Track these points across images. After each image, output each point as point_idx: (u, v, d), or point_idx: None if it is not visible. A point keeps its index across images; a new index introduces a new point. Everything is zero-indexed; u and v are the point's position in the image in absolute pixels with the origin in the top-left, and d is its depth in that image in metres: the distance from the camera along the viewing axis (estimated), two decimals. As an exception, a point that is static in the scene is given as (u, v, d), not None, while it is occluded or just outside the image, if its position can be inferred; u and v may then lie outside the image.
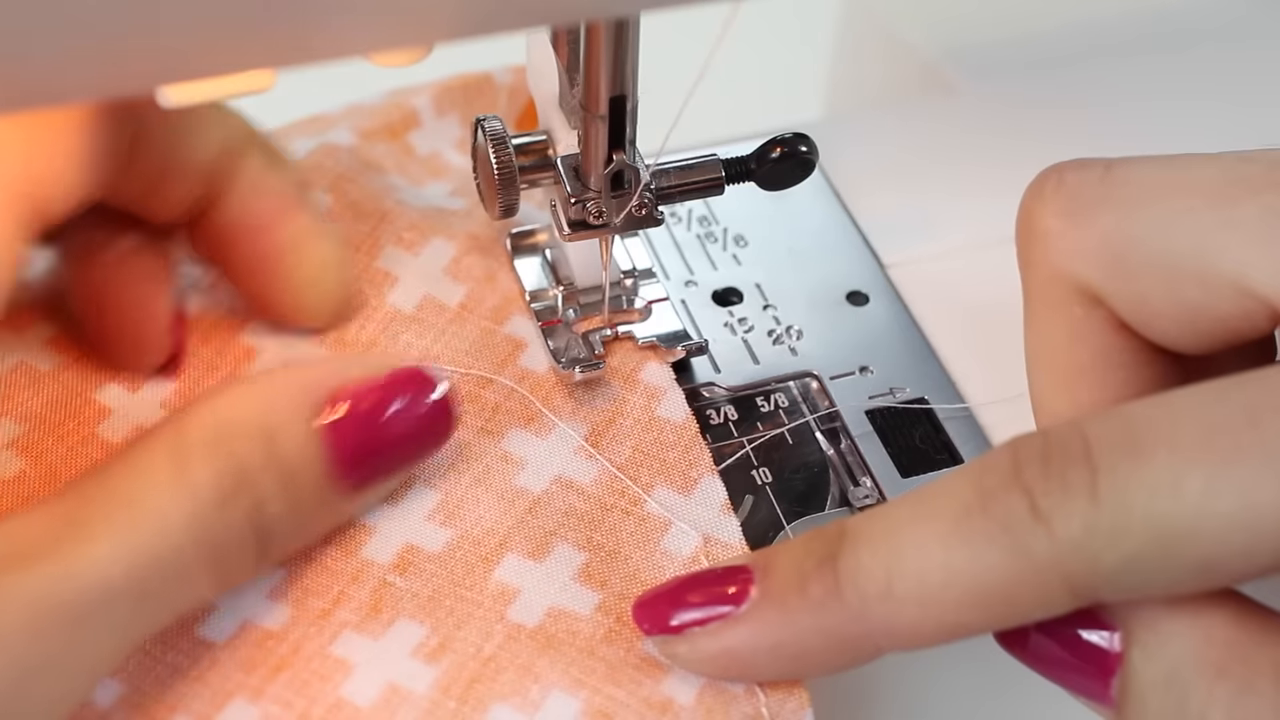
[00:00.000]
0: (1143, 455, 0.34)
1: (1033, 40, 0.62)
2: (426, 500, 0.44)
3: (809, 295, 0.51)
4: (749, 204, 0.54)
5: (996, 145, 0.57)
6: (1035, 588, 0.35)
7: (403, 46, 0.34)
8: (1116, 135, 0.58)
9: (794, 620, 0.38)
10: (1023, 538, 0.34)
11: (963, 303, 0.51)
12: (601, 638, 0.41)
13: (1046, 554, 0.34)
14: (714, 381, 0.48)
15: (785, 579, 0.38)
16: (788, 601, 0.38)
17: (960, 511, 0.35)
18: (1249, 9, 0.63)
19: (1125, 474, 0.34)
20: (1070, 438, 0.35)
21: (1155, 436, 0.34)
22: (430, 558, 0.43)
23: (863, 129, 0.59)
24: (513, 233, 0.50)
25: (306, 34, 0.32)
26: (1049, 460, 0.35)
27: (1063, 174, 0.40)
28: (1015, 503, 0.35)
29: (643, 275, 0.50)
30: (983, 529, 0.35)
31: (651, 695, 0.39)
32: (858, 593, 0.37)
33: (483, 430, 0.45)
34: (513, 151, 0.46)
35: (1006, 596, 0.35)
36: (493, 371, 0.47)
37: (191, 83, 0.33)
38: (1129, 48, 0.61)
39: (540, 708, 0.39)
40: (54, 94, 0.31)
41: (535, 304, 0.49)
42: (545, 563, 0.43)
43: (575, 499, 0.44)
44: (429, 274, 0.49)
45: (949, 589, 0.35)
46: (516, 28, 0.34)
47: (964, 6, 0.65)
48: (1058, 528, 0.34)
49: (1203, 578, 0.34)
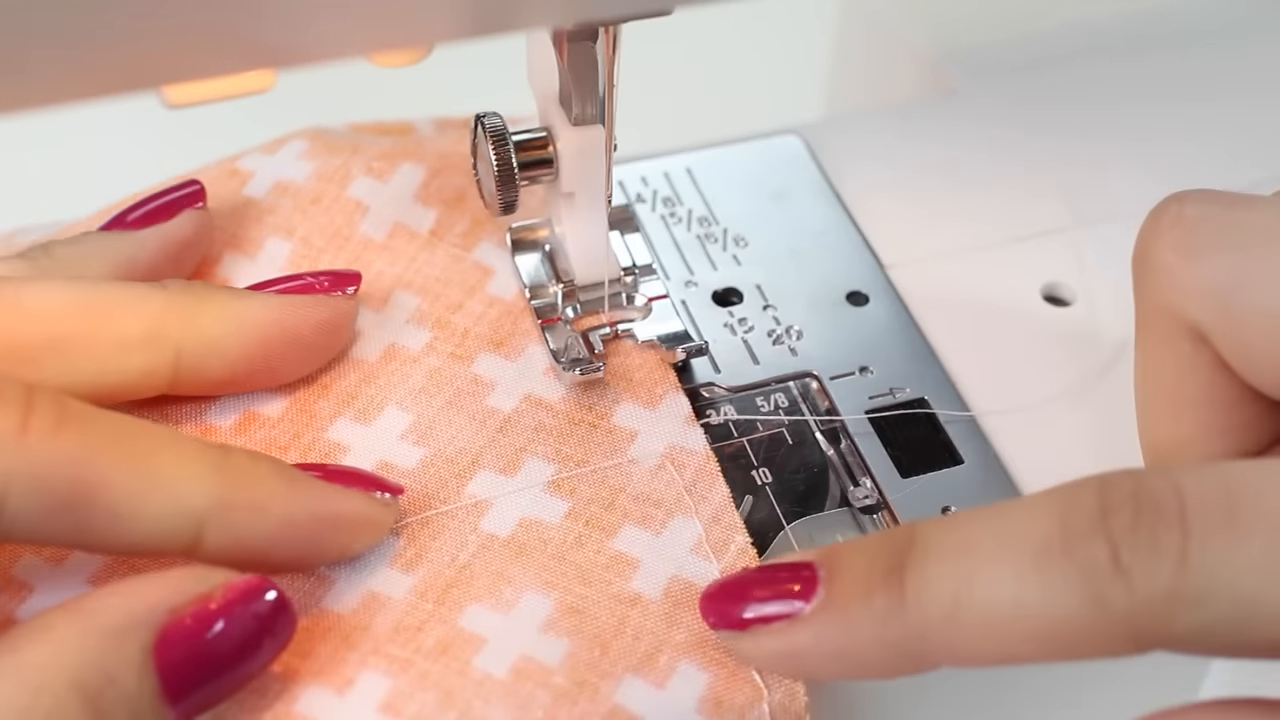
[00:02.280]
0: (1239, 531, 0.33)
1: (1033, 40, 0.62)
2: (399, 422, 0.45)
3: (809, 295, 0.51)
4: (749, 204, 0.54)
5: (996, 145, 0.57)
6: (1103, 635, 0.34)
7: (403, 46, 0.34)
8: (1116, 135, 0.58)
9: (856, 630, 0.37)
10: (1101, 587, 0.34)
11: (963, 303, 0.51)
12: (571, 543, 0.43)
13: (1122, 607, 0.34)
14: (714, 382, 0.48)
15: (851, 586, 0.38)
16: (851, 610, 0.37)
17: (1040, 547, 0.35)
18: (1249, 9, 0.63)
19: (1219, 548, 0.33)
20: (1165, 492, 0.34)
21: (1254, 511, 0.33)
22: (404, 474, 0.44)
23: (863, 129, 0.59)
24: (513, 228, 0.50)
25: (306, 34, 0.32)
26: (1140, 512, 0.34)
27: (1183, 206, 0.39)
28: (1099, 550, 0.34)
29: (643, 272, 0.50)
30: (1061, 571, 0.34)
31: (621, 592, 0.42)
32: (922, 612, 0.36)
33: (453, 355, 0.47)
34: (512, 148, 0.46)
35: (1072, 639, 0.35)
36: (462, 297, 0.49)
37: (191, 83, 0.33)
38: (1128, 48, 0.61)
39: (514, 607, 0.41)
40: (54, 94, 0.31)
41: (535, 301, 0.49)
42: (516, 477, 0.44)
43: (544, 415, 0.46)
44: (399, 201, 0.50)
45: (1016, 623, 0.35)
46: (516, 28, 0.34)
47: (964, 6, 0.65)
48: (1138, 585, 0.34)
49: (1271, 653, 0.34)
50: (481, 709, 0.39)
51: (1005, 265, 0.53)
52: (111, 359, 0.42)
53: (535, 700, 0.39)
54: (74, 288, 0.43)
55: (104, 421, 0.38)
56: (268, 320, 0.44)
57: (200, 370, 0.44)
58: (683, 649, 0.41)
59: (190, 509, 0.38)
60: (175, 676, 0.36)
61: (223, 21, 0.31)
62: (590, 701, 0.39)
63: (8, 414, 0.36)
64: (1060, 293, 0.52)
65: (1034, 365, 0.49)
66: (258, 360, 0.44)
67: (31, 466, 0.36)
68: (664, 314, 0.49)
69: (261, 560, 0.39)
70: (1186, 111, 0.58)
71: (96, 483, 0.37)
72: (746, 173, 0.56)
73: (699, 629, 0.41)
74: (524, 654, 0.40)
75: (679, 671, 0.40)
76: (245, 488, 0.39)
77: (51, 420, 0.37)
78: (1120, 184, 0.55)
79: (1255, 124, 0.58)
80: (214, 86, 0.34)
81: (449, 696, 0.39)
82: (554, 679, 0.40)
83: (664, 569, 0.42)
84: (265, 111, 0.50)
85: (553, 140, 0.46)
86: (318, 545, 0.41)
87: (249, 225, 0.50)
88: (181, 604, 0.37)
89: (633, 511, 0.44)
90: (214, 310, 0.44)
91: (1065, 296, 0.52)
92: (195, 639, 0.37)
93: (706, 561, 0.43)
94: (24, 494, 0.36)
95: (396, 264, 0.49)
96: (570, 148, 0.46)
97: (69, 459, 0.37)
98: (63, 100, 0.32)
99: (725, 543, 0.43)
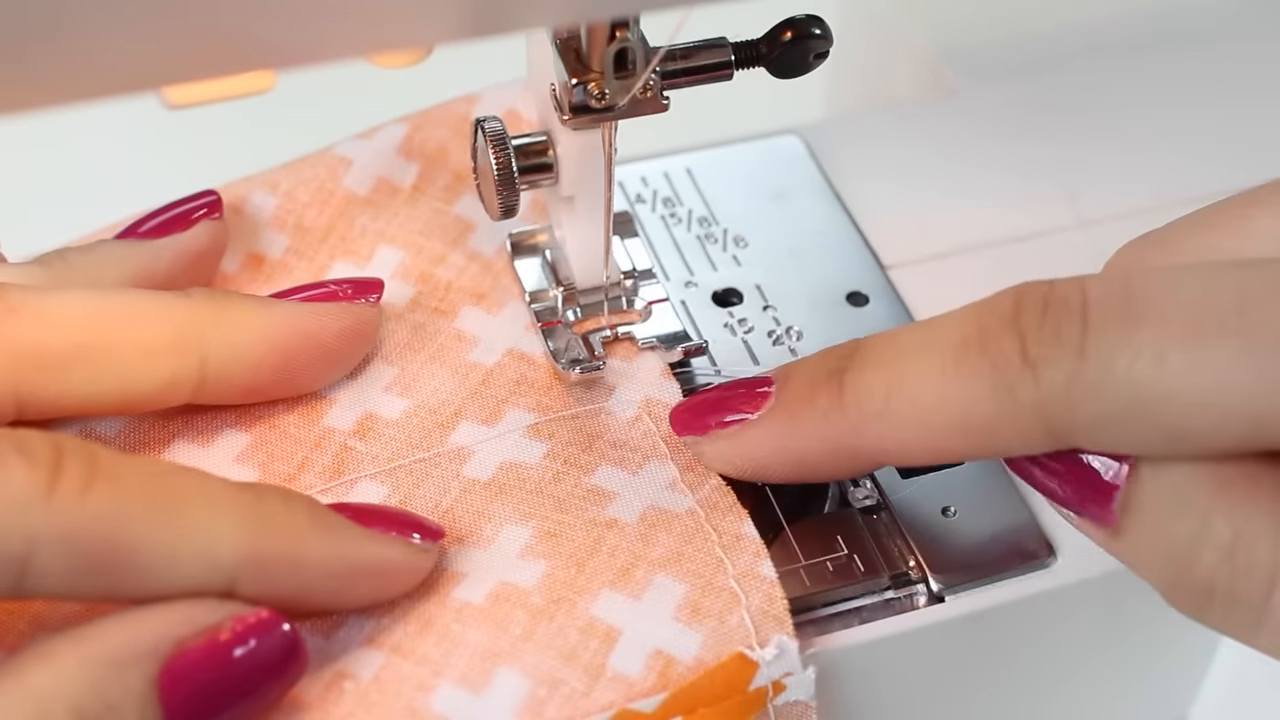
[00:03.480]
0: (1133, 321, 0.36)
1: (1033, 40, 0.62)
2: (384, 374, 0.47)
3: (809, 296, 0.51)
4: (749, 204, 0.54)
5: (996, 146, 0.57)
6: (1015, 426, 0.37)
7: (403, 46, 0.34)
8: (1116, 135, 0.58)
9: (800, 428, 0.41)
10: (1010, 378, 0.37)
11: (962, 303, 0.51)
12: (550, 479, 0.44)
13: (1029, 397, 0.36)
14: (714, 382, 0.48)
15: (798, 389, 0.41)
16: (797, 410, 0.41)
17: (959, 345, 0.38)
18: (1249, 9, 0.63)
19: (1114, 335, 0.36)
20: (1071, 292, 0.37)
21: (1148, 305, 0.36)
22: (389, 424, 0.45)
23: (863, 129, 0.59)
24: (513, 233, 0.50)
25: (306, 34, 0.32)
26: (1047, 310, 0.37)
27: None
28: (1009, 345, 0.37)
29: (642, 276, 0.50)
30: (975, 365, 0.37)
31: (598, 517, 0.43)
32: (858, 408, 0.40)
33: (436, 310, 0.48)
34: (512, 152, 0.46)
35: (988, 429, 0.38)
36: (444, 250, 0.50)
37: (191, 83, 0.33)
38: (1128, 48, 0.61)
39: (494, 541, 0.42)
40: (55, 95, 0.31)
41: (535, 305, 0.49)
42: (498, 426, 0.46)
43: (526, 369, 0.47)
44: (381, 156, 0.51)
45: (938, 415, 0.38)
46: (516, 28, 0.34)
47: (964, 6, 0.65)
48: (1043, 375, 0.36)
49: (1170, 445, 0.36)
50: (459, 631, 0.40)
51: (1005, 265, 0.53)
52: (137, 367, 0.42)
53: (513, 619, 0.40)
54: (98, 296, 0.43)
55: (133, 476, 0.37)
56: (292, 328, 0.44)
57: (225, 378, 0.44)
58: (658, 564, 0.42)
59: (223, 564, 0.37)
60: (180, 710, 0.36)
61: (223, 21, 0.31)
62: (567, 616, 0.40)
63: (35, 473, 0.35)
64: (1060, 293, 0.52)
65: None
66: (281, 368, 0.44)
67: (60, 529, 0.35)
68: (664, 315, 0.49)
69: (293, 608, 0.38)
70: (1186, 112, 0.58)
71: (127, 545, 0.36)
72: (746, 173, 0.56)
73: (675, 546, 0.42)
74: (501, 580, 0.41)
75: (655, 584, 0.41)
76: (279, 540, 0.38)
77: (80, 479, 0.36)
78: (1120, 184, 0.55)
79: (1254, 125, 0.58)
80: (214, 87, 0.34)
81: (428, 624, 0.40)
82: (531, 599, 0.41)
83: (640, 500, 0.44)
84: (265, 111, 0.50)
85: (553, 144, 0.46)
86: (352, 593, 0.40)
87: (235, 181, 0.51)
88: (189, 636, 0.36)
89: (610, 454, 0.45)
90: (239, 318, 0.44)
91: (1065, 297, 0.52)
92: (202, 673, 0.36)
93: (683, 495, 0.44)
94: (52, 556, 0.35)
95: (379, 219, 0.50)
96: (570, 152, 0.46)
97: (98, 520, 0.36)
98: (63, 100, 0.32)
99: (700, 483, 0.44)
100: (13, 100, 0.31)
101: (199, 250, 0.47)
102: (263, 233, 0.50)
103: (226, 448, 0.45)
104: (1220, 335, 0.35)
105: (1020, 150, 0.57)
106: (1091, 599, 0.45)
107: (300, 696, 0.39)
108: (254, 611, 0.37)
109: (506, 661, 0.39)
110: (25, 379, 0.41)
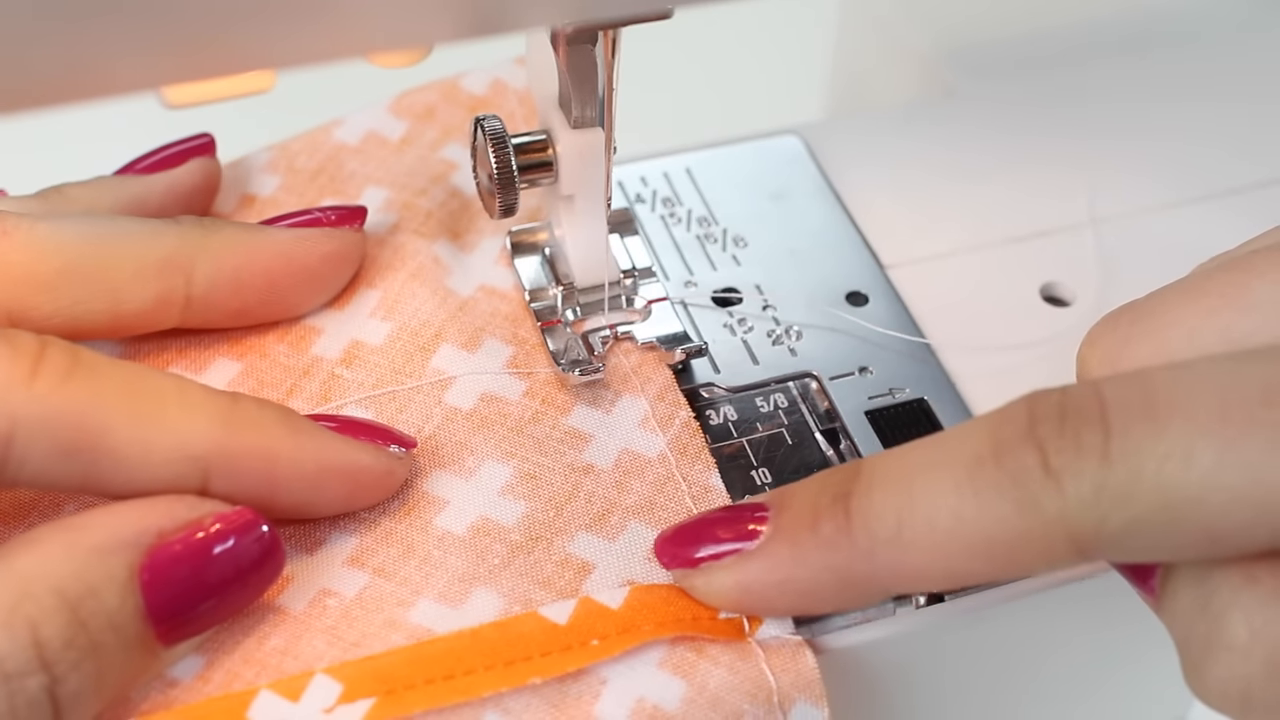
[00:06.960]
0: (1157, 422, 0.34)
1: (1033, 40, 0.62)
2: (369, 300, 0.48)
3: (809, 296, 0.51)
4: (749, 204, 0.54)
5: (996, 146, 0.57)
6: (1041, 542, 0.35)
7: (403, 46, 0.34)
8: (1116, 135, 0.58)
9: (804, 557, 0.38)
10: (1033, 493, 0.35)
11: (963, 303, 0.52)
12: (529, 419, 0.46)
13: (1055, 511, 0.35)
14: (714, 382, 0.48)
15: (799, 515, 0.39)
16: (799, 538, 0.38)
17: (973, 461, 0.36)
18: (1249, 9, 0.63)
19: (1138, 439, 0.34)
20: (1087, 398, 0.35)
21: (1171, 404, 0.34)
22: (373, 350, 0.47)
23: (863, 129, 0.59)
24: (512, 231, 0.50)
25: (306, 34, 0.32)
26: (1065, 418, 0.35)
27: None
28: (1028, 457, 0.35)
29: (642, 274, 0.50)
30: (994, 481, 0.35)
31: (575, 462, 0.45)
32: (868, 534, 0.37)
33: (416, 233, 0.50)
34: (512, 151, 0.46)
35: (1011, 549, 0.35)
36: (427, 184, 0.51)
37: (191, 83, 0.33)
38: (1128, 47, 0.61)
39: (475, 474, 0.44)
40: (54, 94, 0.31)
41: (535, 304, 0.49)
42: (477, 354, 0.47)
43: (499, 303, 0.49)
44: (372, 113, 0.53)
45: (956, 537, 0.36)
46: (516, 28, 0.34)
47: (964, 7, 0.65)
48: (1068, 485, 0.34)
49: (1205, 547, 0.34)
50: (440, 558, 0.42)
51: (1005, 265, 0.53)
52: (126, 287, 0.44)
53: (492, 551, 0.42)
54: (89, 221, 0.44)
55: (114, 371, 0.39)
56: (276, 251, 0.46)
57: (212, 299, 0.45)
58: (632, 511, 0.44)
59: (195, 455, 0.39)
60: (158, 598, 0.37)
61: (223, 22, 0.31)
62: (545, 551, 0.42)
63: (18, 361, 0.37)
64: (1060, 293, 0.52)
65: (1034, 365, 0.49)
66: (267, 290, 0.46)
67: (39, 412, 0.37)
68: (663, 315, 0.49)
69: (266, 507, 0.40)
70: (1187, 111, 0.58)
71: (102, 429, 0.38)
72: (746, 173, 0.56)
73: (648, 495, 0.44)
74: (483, 514, 0.43)
75: (629, 529, 0.43)
76: (251, 435, 0.39)
77: (61, 369, 0.38)
78: (1120, 184, 0.55)
79: (1256, 123, 0.58)
80: (214, 87, 0.34)
81: (410, 549, 0.42)
82: (510, 535, 0.43)
83: (614, 443, 0.45)
84: (265, 111, 0.50)
85: (552, 143, 0.46)
86: (324, 495, 0.41)
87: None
88: (170, 529, 0.38)
89: (584, 392, 0.46)
90: (225, 241, 0.45)
91: (1065, 296, 0.52)
92: (181, 564, 0.38)
93: (653, 434, 0.46)
94: (31, 438, 0.37)
95: (368, 165, 0.52)
96: (570, 150, 0.46)
97: (76, 406, 0.37)
98: (63, 100, 0.32)
99: (670, 417, 0.46)
100: (13, 100, 0.31)
101: (191, 185, 0.49)
102: (256, 176, 0.51)
103: (218, 375, 0.46)
104: (1249, 429, 0.33)
105: (1020, 150, 0.57)
106: (1091, 599, 0.45)
107: (287, 610, 0.40)
108: (235, 510, 0.39)
109: (484, 584, 0.41)
110: (17, 298, 0.43)
